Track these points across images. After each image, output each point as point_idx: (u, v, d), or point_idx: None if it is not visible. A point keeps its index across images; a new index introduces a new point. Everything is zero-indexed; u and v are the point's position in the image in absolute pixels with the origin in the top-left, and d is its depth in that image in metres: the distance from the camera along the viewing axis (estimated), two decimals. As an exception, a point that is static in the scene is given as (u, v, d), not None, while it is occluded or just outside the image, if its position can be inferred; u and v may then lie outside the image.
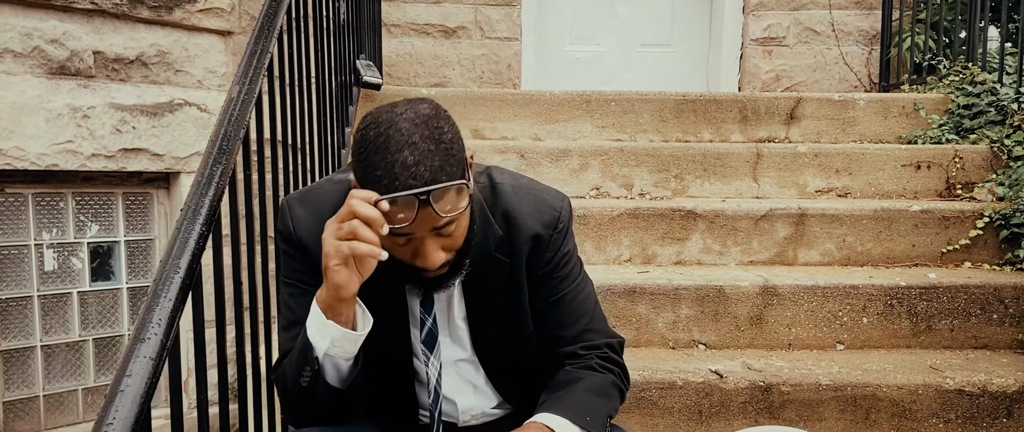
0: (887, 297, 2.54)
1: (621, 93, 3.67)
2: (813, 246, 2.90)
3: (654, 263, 2.90)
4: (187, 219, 1.41)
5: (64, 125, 2.87)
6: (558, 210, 1.47)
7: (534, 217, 1.45)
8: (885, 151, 3.28)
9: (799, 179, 3.25)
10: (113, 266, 3.21)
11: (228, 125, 1.61)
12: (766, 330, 2.55)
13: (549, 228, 1.45)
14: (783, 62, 4.67)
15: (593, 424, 1.36)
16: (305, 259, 1.41)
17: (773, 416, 2.23)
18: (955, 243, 2.88)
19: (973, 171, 3.24)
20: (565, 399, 1.38)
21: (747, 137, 3.64)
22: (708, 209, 2.89)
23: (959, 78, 3.76)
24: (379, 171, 1.21)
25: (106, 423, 1.07)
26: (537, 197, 1.47)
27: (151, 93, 3.09)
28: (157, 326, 1.21)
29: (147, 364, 1.15)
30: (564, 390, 1.41)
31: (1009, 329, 2.56)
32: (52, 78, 2.84)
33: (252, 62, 1.80)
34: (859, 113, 3.67)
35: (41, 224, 3.00)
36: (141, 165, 3.09)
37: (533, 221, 1.44)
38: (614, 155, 3.22)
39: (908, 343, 2.56)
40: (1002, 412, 2.24)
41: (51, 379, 3.06)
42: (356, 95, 3.41)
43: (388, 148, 1.21)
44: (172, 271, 1.30)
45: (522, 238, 1.43)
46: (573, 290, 1.50)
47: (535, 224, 1.44)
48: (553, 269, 1.48)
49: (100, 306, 3.18)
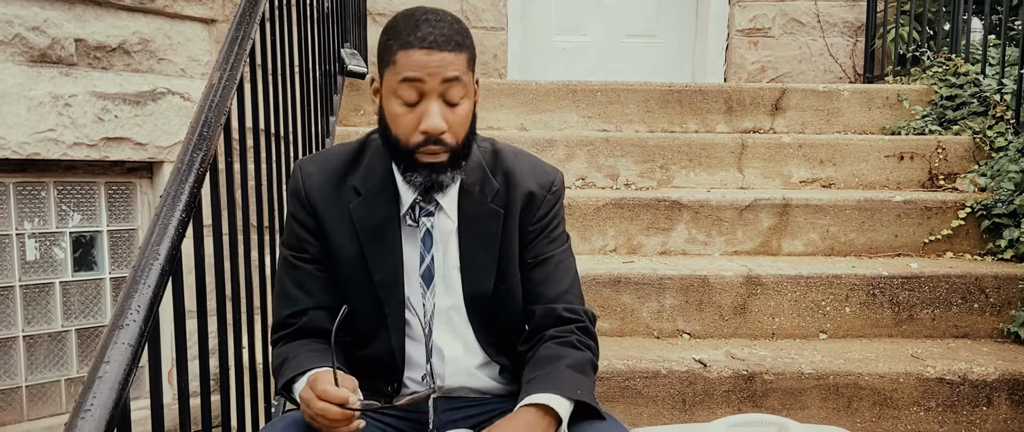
0: (870, 287, 2.56)
1: (607, 83, 3.67)
2: (797, 236, 2.91)
3: (639, 253, 2.91)
4: (167, 206, 1.40)
5: (45, 113, 2.84)
6: (553, 176, 1.62)
7: (530, 176, 1.59)
8: (869, 142, 3.29)
9: (784, 170, 3.27)
10: (96, 256, 3.18)
11: (209, 111, 1.59)
12: (750, 319, 2.56)
13: (544, 188, 1.59)
14: (768, 53, 4.68)
15: (584, 396, 1.43)
16: (312, 216, 1.53)
17: (756, 404, 2.24)
18: (937, 233, 2.90)
19: (956, 162, 3.26)
20: (554, 377, 1.45)
21: (732, 128, 3.65)
22: (693, 199, 2.89)
23: (943, 69, 3.78)
24: (403, 26, 1.41)
25: (84, 409, 1.06)
26: (534, 162, 1.62)
27: (133, 82, 3.06)
28: (136, 312, 1.20)
29: (126, 350, 1.15)
30: (550, 367, 1.48)
31: (990, 318, 2.58)
32: (33, 66, 2.81)
33: (234, 48, 1.78)
34: (843, 104, 3.68)
35: (23, 213, 2.97)
36: (124, 154, 3.07)
37: (529, 180, 1.58)
38: (600, 145, 3.22)
39: (890, 332, 2.57)
40: (982, 400, 2.26)
41: (33, 370, 3.04)
42: (341, 84, 3.39)
43: (415, 13, 1.42)
44: (151, 257, 1.29)
45: (518, 193, 1.56)
46: (560, 254, 1.62)
47: (531, 182, 1.58)
48: (544, 228, 1.60)
49: (83, 296, 3.16)
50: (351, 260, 1.54)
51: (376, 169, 1.55)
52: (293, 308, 1.55)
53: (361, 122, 3.56)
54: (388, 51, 1.43)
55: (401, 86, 1.41)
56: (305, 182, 1.54)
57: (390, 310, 1.55)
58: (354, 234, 1.53)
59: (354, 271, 1.54)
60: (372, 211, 1.53)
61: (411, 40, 1.40)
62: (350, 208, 1.53)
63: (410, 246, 1.56)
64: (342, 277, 1.56)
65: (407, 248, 1.55)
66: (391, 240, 1.54)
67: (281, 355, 1.52)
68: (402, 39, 1.41)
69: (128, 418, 1.16)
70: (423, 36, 1.40)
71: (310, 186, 1.54)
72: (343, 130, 3.21)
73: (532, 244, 1.60)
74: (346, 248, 1.53)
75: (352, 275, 1.54)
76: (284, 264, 1.57)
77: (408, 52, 1.40)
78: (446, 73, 1.40)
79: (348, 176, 1.55)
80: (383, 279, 1.53)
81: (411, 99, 1.41)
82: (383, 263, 1.53)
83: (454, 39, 1.41)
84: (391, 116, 1.45)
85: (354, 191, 1.54)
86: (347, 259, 1.54)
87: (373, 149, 1.57)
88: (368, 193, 1.54)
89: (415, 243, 1.55)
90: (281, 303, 1.56)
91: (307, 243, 1.54)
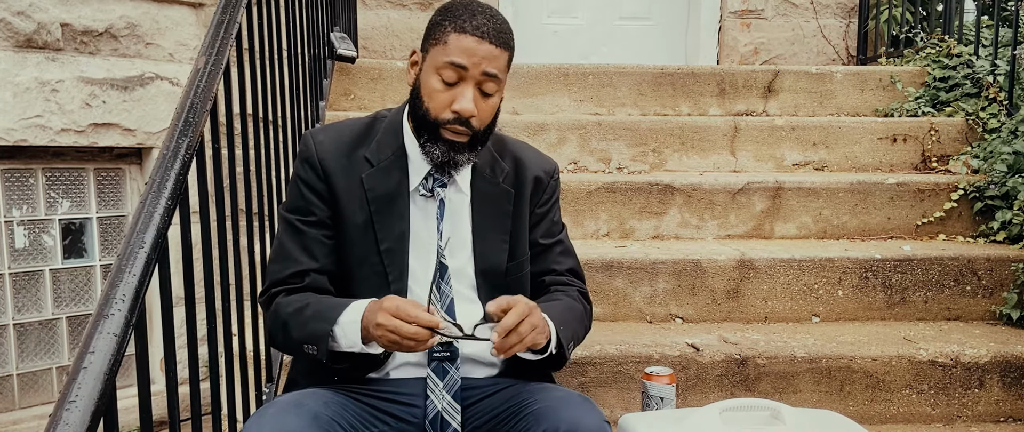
0: (862, 270, 2.55)
1: (599, 66, 3.65)
2: (790, 220, 2.90)
3: (632, 237, 2.90)
4: (152, 192, 1.38)
5: (32, 99, 2.81)
6: (554, 164, 1.78)
7: (536, 162, 1.74)
8: (862, 124, 3.28)
9: (776, 153, 3.26)
10: (85, 243, 3.16)
11: (194, 96, 1.57)
12: (742, 303, 2.55)
13: (548, 174, 1.74)
14: (761, 35, 4.66)
15: (563, 334, 1.55)
16: (324, 182, 1.59)
17: (749, 389, 2.24)
18: (930, 215, 2.89)
19: (948, 144, 3.25)
20: (544, 306, 1.55)
21: (725, 111, 3.63)
22: (686, 183, 2.88)
23: (936, 51, 3.77)
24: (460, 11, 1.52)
25: (69, 401, 1.05)
26: (536, 151, 1.78)
27: (121, 67, 3.03)
28: (121, 302, 1.19)
29: (111, 340, 1.13)
30: (548, 300, 1.64)
31: (982, 300, 2.59)
32: (19, 51, 2.78)
33: (219, 32, 1.76)
34: (836, 86, 3.67)
35: (11, 200, 2.95)
36: (112, 140, 3.04)
37: (535, 165, 1.73)
38: (592, 129, 3.20)
39: (882, 315, 2.57)
40: (974, 382, 2.26)
41: (24, 358, 3.03)
42: (330, 68, 3.36)
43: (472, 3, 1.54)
44: (136, 245, 1.28)
45: (527, 175, 1.70)
46: (564, 237, 1.79)
47: (537, 168, 1.73)
48: (549, 210, 1.76)
49: (73, 284, 3.14)
50: (359, 228, 1.59)
51: (388, 143, 1.63)
52: (296, 268, 1.59)
53: (351, 107, 3.53)
54: (440, 30, 1.53)
55: (446, 66, 1.51)
56: (318, 149, 1.60)
57: (393, 277, 1.60)
58: (365, 203, 1.60)
59: (361, 239, 1.60)
60: (383, 181, 1.60)
61: (466, 26, 1.51)
62: (362, 177, 1.60)
63: (419, 217, 1.62)
64: (348, 245, 1.61)
65: (415, 219, 1.62)
66: (400, 210, 1.61)
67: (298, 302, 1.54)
68: (457, 23, 1.51)
69: (115, 409, 1.15)
70: (477, 25, 1.51)
71: (323, 153, 1.60)
72: (333, 115, 3.19)
73: (539, 225, 1.73)
74: (356, 216, 1.59)
75: (359, 243, 1.60)
76: (288, 228, 1.61)
77: (460, 37, 1.51)
78: (489, 67, 1.51)
79: (359, 148, 1.62)
80: (390, 248, 1.60)
81: (451, 79, 1.52)
82: (391, 232, 1.60)
83: (503, 37, 1.53)
84: (428, 90, 1.54)
85: (366, 161, 1.61)
86: (356, 227, 1.60)
87: (384, 125, 1.65)
88: (380, 164, 1.61)
89: (426, 214, 1.62)
90: (283, 264, 1.60)
91: (315, 207, 1.60)
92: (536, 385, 1.61)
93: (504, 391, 1.61)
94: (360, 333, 1.45)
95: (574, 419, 1.42)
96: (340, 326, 1.47)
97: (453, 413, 1.60)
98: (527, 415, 1.50)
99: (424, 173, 1.62)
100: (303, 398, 1.48)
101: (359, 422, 1.54)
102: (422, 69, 1.57)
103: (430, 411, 1.60)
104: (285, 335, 1.55)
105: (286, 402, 1.45)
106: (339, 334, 1.47)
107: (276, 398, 1.50)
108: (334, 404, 1.51)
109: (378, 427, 1.58)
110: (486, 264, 1.65)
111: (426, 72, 1.55)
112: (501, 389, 1.62)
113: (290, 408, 1.43)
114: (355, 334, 1.46)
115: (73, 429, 1.01)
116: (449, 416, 1.59)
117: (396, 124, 1.65)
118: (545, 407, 1.47)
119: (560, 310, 1.60)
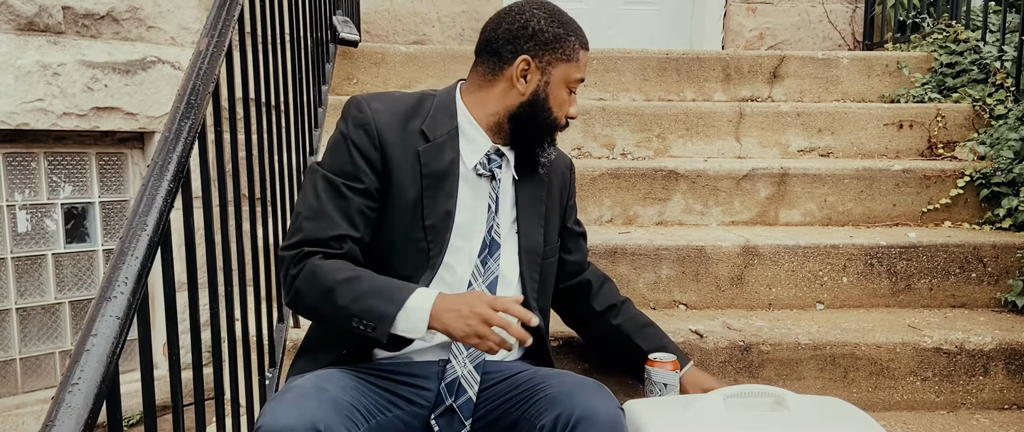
0: (867, 257, 2.54)
1: (603, 51, 3.62)
2: (795, 206, 2.89)
3: (636, 224, 2.89)
4: (154, 175, 1.37)
5: (34, 83, 2.80)
6: (570, 160, 1.94)
7: (561, 159, 1.86)
8: (868, 110, 3.26)
9: (781, 138, 3.24)
10: (88, 227, 3.16)
11: (196, 79, 1.56)
12: (746, 290, 2.54)
13: (569, 170, 1.92)
14: (767, 20, 4.63)
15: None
16: (379, 150, 1.59)
17: (752, 375, 2.23)
18: (936, 202, 2.88)
19: (955, 130, 3.23)
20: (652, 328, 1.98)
21: (730, 96, 3.61)
22: (690, 169, 2.87)
23: (942, 36, 3.74)
24: (573, 25, 1.67)
25: (71, 383, 1.04)
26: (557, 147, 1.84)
27: (123, 50, 3.02)
28: (124, 285, 1.18)
29: (113, 323, 1.13)
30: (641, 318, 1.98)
31: (987, 288, 2.57)
32: (21, 34, 2.77)
33: (221, 15, 1.74)
34: (842, 72, 3.65)
35: (13, 185, 2.94)
36: (114, 124, 3.03)
37: (560, 162, 1.85)
38: (596, 114, 3.18)
39: (887, 302, 2.56)
40: (978, 370, 2.26)
41: (27, 342, 3.03)
42: (333, 52, 3.34)
43: (563, 15, 1.68)
44: (139, 228, 1.27)
45: (556, 168, 1.82)
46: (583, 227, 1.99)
47: (561, 164, 1.87)
48: (573, 203, 1.94)
49: (76, 268, 3.14)
50: (409, 202, 1.60)
51: (443, 122, 1.66)
52: (338, 232, 1.56)
53: (354, 91, 3.52)
54: (567, 45, 1.64)
55: (576, 82, 1.66)
56: (375, 117, 1.60)
57: (434, 253, 1.61)
58: (418, 177, 1.61)
59: (408, 213, 1.61)
60: (438, 158, 1.63)
61: (585, 41, 1.68)
62: (419, 151, 1.61)
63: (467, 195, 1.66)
64: (394, 218, 1.61)
65: (463, 196, 1.65)
66: (449, 188, 1.63)
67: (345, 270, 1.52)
68: (580, 38, 1.67)
69: (117, 392, 1.14)
70: (587, 40, 1.69)
71: (381, 122, 1.60)
72: (336, 99, 3.17)
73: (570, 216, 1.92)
74: (408, 189, 1.60)
75: (405, 216, 1.61)
76: (331, 189, 1.58)
77: (585, 53, 1.67)
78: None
79: (412, 121, 1.63)
80: (434, 224, 1.62)
81: (574, 90, 1.68)
82: (437, 209, 1.62)
83: None
84: (557, 101, 1.66)
85: (422, 135, 1.62)
86: (406, 201, 1.60)
87: (436, 103, 1.68)
88: (437, 140, 1.64)
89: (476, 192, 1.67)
90: (323, 223, 1.56)
91: (365, 174, 1.58)
92: (549, 370, 1.62)
93: (517, 375, 1.62)
94: (428, 321, 1.46)
95: (589, 405, 1.42)
96: (405, 311, 1.46)
97: (471, 382, 1.60)
98: (540, 399, 1.50)
99: (481, 153, 1.66)
100: (322, 382, 1.47)
101: (374, 406, 1.54)
102: (549, 81, 1.64)
103: (449, 376, 1.60)
104: (326, 301, 1.51)
105: (306, 387, 1.44)
106: (402, 318, 1.46)
107: (294, 382, 1.49)
108: (351, 389, 1.50)
109: (391, 411, 1.58)
110: (529, 244, 1.74)
111: (556, 85, 1.64)
112: (515, 373, 1.63)
113: (310, 393, 1.41)
114: (421, 321, 1.46)
115: (76, 412, 1.00)
116: (467, 384, 1.60)
117: (449, 103, 1.69)
118: (559, 392, 1.47)
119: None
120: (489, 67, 1.67)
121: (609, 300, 1.97)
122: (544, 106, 1.65)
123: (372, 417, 1.52)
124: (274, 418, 1.33)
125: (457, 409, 1.60)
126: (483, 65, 1.68)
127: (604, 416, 1.41)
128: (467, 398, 1.60)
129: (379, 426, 1.54)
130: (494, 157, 1.69)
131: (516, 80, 1.63)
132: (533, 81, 1.64)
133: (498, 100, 1.66)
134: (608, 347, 2.00)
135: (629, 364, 1.97)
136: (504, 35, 1.64)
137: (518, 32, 1.63)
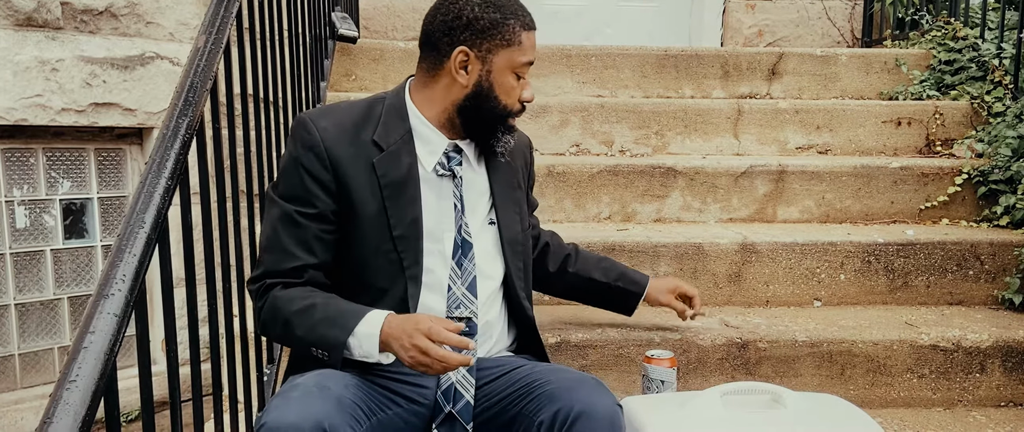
0: (865, 254, 2.55)
1: (602, 48, 3.62)
2: (793, 203, 2.89)
3: (634, 221, 2.89)
4: (152, 172, 1.37)
5: (32, 78, 2.79)
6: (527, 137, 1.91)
7: (521, 140, 1.84)
8: (866, 107, 3.26)
9: (780, 136, 3.24)
10: (86, 223, 3.16)
11: (194, 75, 1.56)
12: (744, 287, 2.55)
13: (529, 149, 1.90)
14: (766, 17, 4.63)
15: None
16: (330, 171, 1.55)
17: (750, 372, 2.24)
18: (933, 200, 2.88)
19: (953, 127, 3.23)
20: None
21: (728, 93, 3.61)
22: (688, 166, 2.87)
23: (941, 33, 3.74)
24: (513, 6, 1.59)
25: (69, 380, 1.04)
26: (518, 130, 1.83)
27: (121, 46, 3.01)
28: (121, 282, 1.18)
29: (111, 320, 1.13)
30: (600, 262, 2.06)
31: (984, 285, 2.58)
32: (19, 30, 2.76)
33: (220, 10, 1.74)
34: (841, 69, 3.65)
35: (11, 180, 2.94)
36: (113, 120, 3.03)
37: (521, 144, 1.83)
38: (594, 111, 3.19)
39: (884, 299, 2.57)
40: (975, 367, 2.26)
41: (26, 338, 3.03)
42: (331, 49, 3.34)
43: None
44: (136, 225, 1.27)
45: (518, 151, 1.79)
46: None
47: (523, 146, 1.85)
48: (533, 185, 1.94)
49: (74, 264, 3.14)
50: (372, 216, 1.57)
51: (395, 127, 1.61)
52: (295, 263, 1.56)
53: (352, 87, 3.52)
54: (507, 29, 1.57)
55: (523, 65, 1.60)
56: (322, 136, 1.55)
57: (408, 263, 1.59)
58: (377, 189, 1.57)
59: (374, 227, 1.58)
60: (395, 166, 1.59)
61: (528, 22, 1.60)
62: (374, 162, 1.57)
63: (432, 198, 1.63)
64: (360, 235, 1.58)
65: (427, 200, 1.62)
66: (412, 193, 1.60)
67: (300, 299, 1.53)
68: (522, 20, 1.59)
69: (115, 388, 1.14)
70: (532, 19, 1.62)
71: (329, 140, 1.56)
72: (334, 96, 3.17)
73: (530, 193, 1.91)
74: (368, 204, 1.57)
75: (371, 230, 1.58)
76: (284, 218, 1.57)
77: (529, 34, 1.59)
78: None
79: (363, 132, 1.59)
80: (403, 234, 1.58)
81: (523, 74, 1.61)
82: (403, 218, 1.59)
83: None
84: (505, 88, 1.59)
85: (375, 146, 1.58)
86: (368, 216, 1.57)
87: (386, 108, 1.63)
88: (390, 148, 1.59)
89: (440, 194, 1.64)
90: (279, 256, 1.57)
91: (317, 199, 1.56)
92: (547, 366, 1.63)
93: (515, 371, 1.61)
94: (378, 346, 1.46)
95: (588, 401, 1.42)
96: (356, 337, 1.47)
97: (467, 386, 1.60)
98: (539, 395, 1.50)
99: (438, 153, 1.63)
100: (325, 381, 1.47)
101: (375, 404, 1.55)
102: (491, 69, 1.58)
103: (443, 383, 1.60)
104: (286, 332, 1.54)
105: (310, 385, 1.44)
106: (354, 344, 1.47)
107: (296, 380, 1.49)
108: (353, 386, 1.51)
109: (392, 409, 1.59)
110: (510, 233, 1.73)
111: (500, 72, 1.58)
112: (512, 369, 1.62)
113: (314, 391, 1.42)
114: (372, 346, 1.46)
115: (74, 409, 1.00)
116: (463, 389, 1.60)
117: (399, 107, 1.64)
118: (558, 388, 1.47)
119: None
120: (430, 62, 1.62)
121: (563, 252, 2.03)
122: (490, 95, 1.60)
123: (374, 415, 1.53)
124: (280, 416, 1.34)
125: (457, 415, 1.60)
126: (425, 61, 1.63)
127: (603, 412, 1.41)
128: (465, 402, 1.60)
129: (380, 423, 1.55)
130: (453, 154, 1.65)
131: (456, 73, 1.58)
132: (474, 72, 1.58)
133: (443, 95, 1.61)
134: (576, 294, 2.09)
135: (601, 302, 2.11)
136: (440, 28, 1.58)
137: (453, 23, 1.57)
